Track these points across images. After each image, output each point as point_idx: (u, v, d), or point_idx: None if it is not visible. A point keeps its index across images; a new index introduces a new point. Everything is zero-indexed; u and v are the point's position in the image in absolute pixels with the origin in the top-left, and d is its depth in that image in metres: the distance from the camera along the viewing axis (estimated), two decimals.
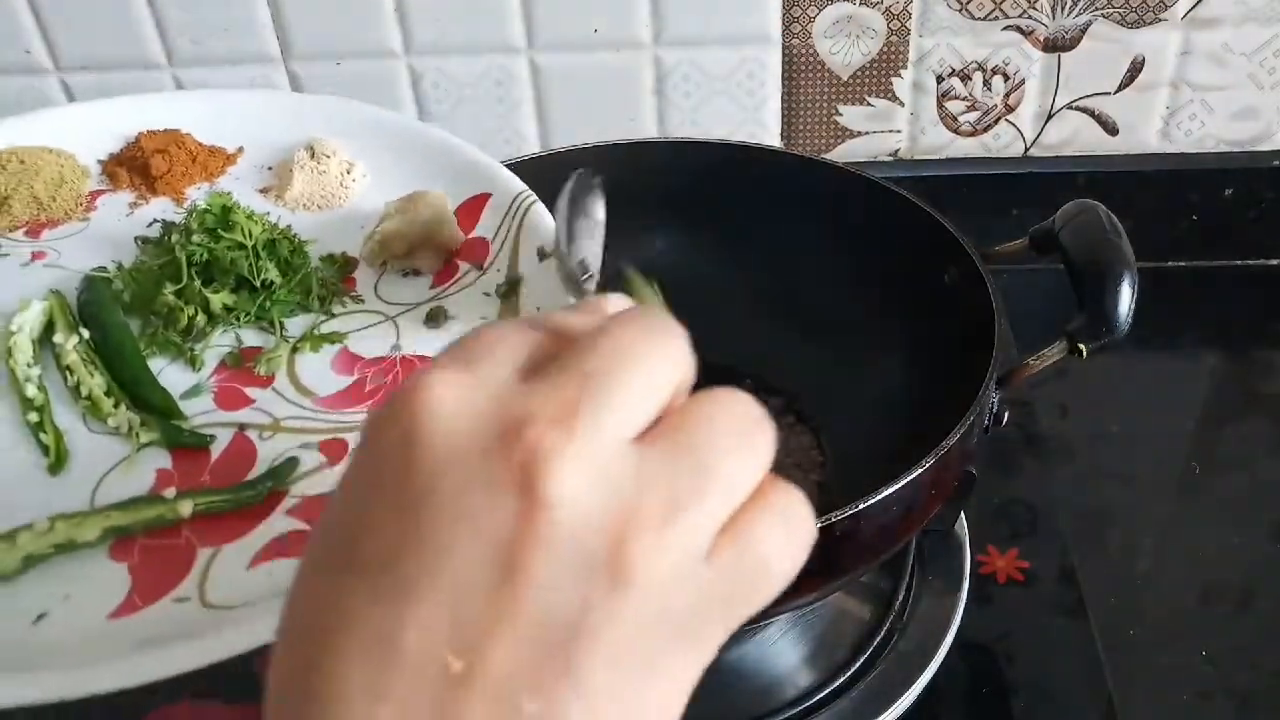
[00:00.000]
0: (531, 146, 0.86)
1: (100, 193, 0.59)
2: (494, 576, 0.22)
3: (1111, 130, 0.84)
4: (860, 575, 0.57)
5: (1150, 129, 0.84)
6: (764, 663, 0.60)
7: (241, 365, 0.48)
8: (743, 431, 0.25)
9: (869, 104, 0.84)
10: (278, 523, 0.41)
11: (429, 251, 0.53)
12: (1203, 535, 0.68)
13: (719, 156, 0.68)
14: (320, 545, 0.24)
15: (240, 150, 0.61)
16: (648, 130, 0.85)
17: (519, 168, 0.68)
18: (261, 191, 0.59)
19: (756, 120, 0.84)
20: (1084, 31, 0.80)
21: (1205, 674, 0.60)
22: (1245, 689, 0.60)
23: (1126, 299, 0.53)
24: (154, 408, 0.46)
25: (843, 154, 0.86)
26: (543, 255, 0.51)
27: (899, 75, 0.82)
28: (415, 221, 0.52)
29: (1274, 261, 0.88)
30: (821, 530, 0.45)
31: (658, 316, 0.26)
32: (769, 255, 0.68)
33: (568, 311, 0.27)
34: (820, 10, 0.79)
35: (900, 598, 0.62)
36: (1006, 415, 0.56)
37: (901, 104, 0.84)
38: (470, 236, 0.54)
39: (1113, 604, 0.63)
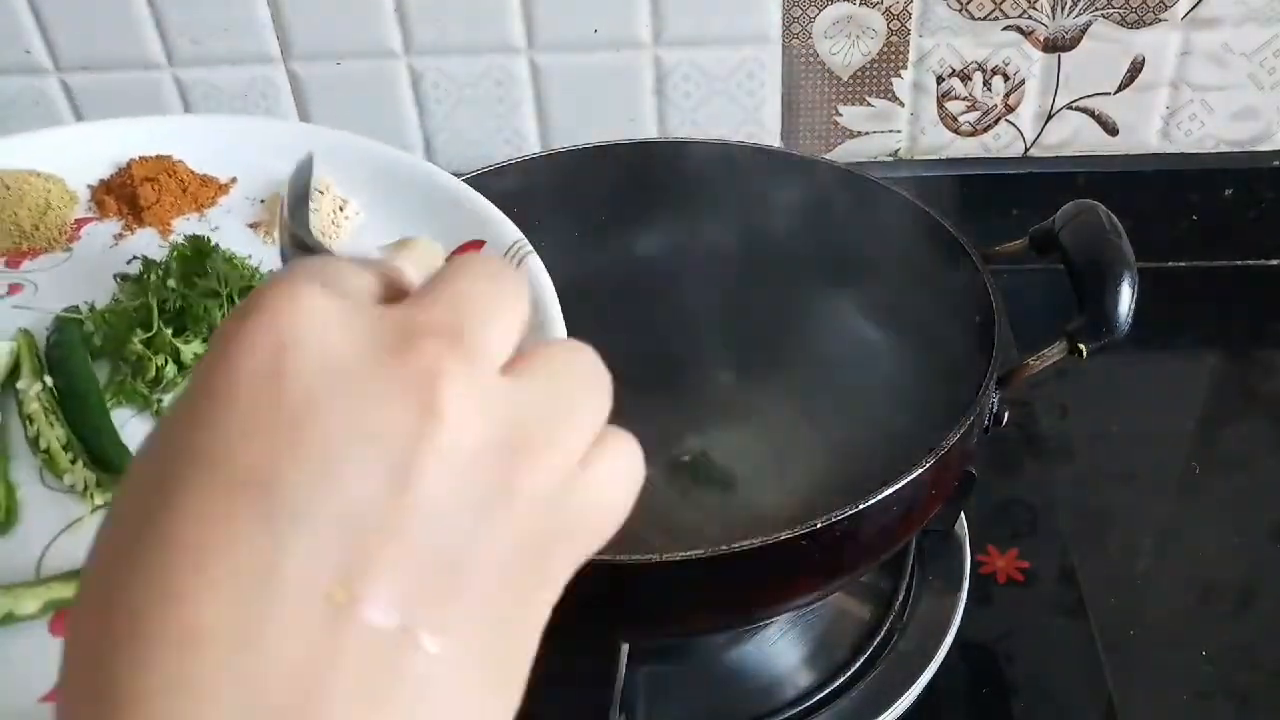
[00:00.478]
0: (531, 146, 0.86)
1: (86, 220, 0.56)
2: (387, 492, 0.20)
3: (1111, 130, 0.84)
4: (860, 575, 0.57)
5: (1150, 129, 0.84)
6: (764, 663, 0.60)
7: None
8: (597, 375, 0.25)
9: (869, 104, 0.84)
10: None
11: None
12: (1203, 535, 0.68)
13: (719, 156, 0.68)
14: (163, 458, 0.21)
15: (234, 180, 0.59)
16: (648, 130, 0.85)
17: (519, 168, 0.68)
18: (251, 226, 0.56)
19: (756, 120, 0.84)
20: (1084, 31, 0.80)
21: (1205, 674, 0.60)
22: (1245, 689, 0.60)
23: (1126, 299, 0.53)
24: (112, 465, 0.43)
25: (843, 154, 0.86)
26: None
27: (899, 75, 0.82)
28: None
29: (1274, 261, 0.88)
30: (821, 530, 0.45)
31: (497, 263, 0.26)
32: (768, 255, 0.68)
33: (392, 253, 0.27)
34: (820, 10, 0.79)
35: (900, 598, 0.62)
36: (1006, 415, 0.56)
37: (901, 104, 0.84)
38: None
39: (1113, 604, 0.63)
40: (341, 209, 0.56)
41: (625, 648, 0.51)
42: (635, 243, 0.71)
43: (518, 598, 0.23)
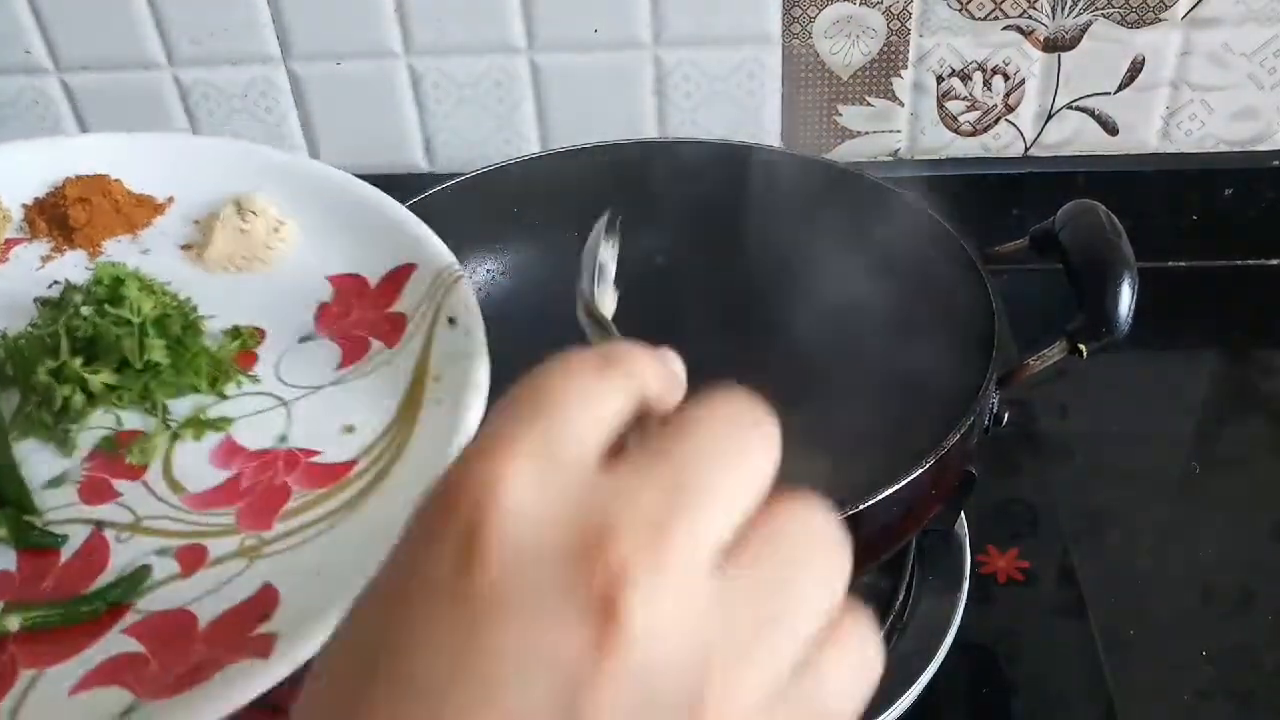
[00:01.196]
0: (531, 146, 0.86)
1: (17, 241, 0.55)
2: (557, 715, 0.19)
3: (1111, 130, 0.84)
4: (860, 575, 0.56)
5: (1150, 129, 0.84)
6: None
7: (115, 451, 0.45)
8: (829, 551, 0.22)
9: (869, 104, 0.84)
10: (113, 643, 0.38)
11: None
12: (1203, 535, 0.68)
13: (719, 156, 0.68)
14: (351, 650, 0.21)
15: (171, 200, 0.57)
16: (648, 130, 0.85)
17: (519, 168, 0.68)
18: (184, 248, 0.55)
19: (756, 120, 0.84)
20: (1084, 31, 0.80)
21: (1205, 674, 0.60)
22: (1245, 689, 0.60)
23: (1126, 299, 0.53)
24: (6, 500, 0.42)
25: (843, 154, 0.86)
26: (453, 322, 0.48)
27: (899, 75, 0.82)
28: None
29: (1274, 261, 0.88)
30: None
31: (749, 405, 0.23)
32: (768, 255, 0.68)
33: (644, 363, 0.24)
34: (820, 10, 0.79)
35: (900, 598, 0.62)
36: (1006, 415, 0.56)
37: (901, 104, 0.84)
38: (389, 311, 0.51)
39: (1113, 604, 0.63)
40: (276, 230, 0.55)
41: None
42: (635, 243, 0.70)
43: None
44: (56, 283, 0.51)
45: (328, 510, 0.43)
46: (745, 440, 0.22)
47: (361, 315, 0.51)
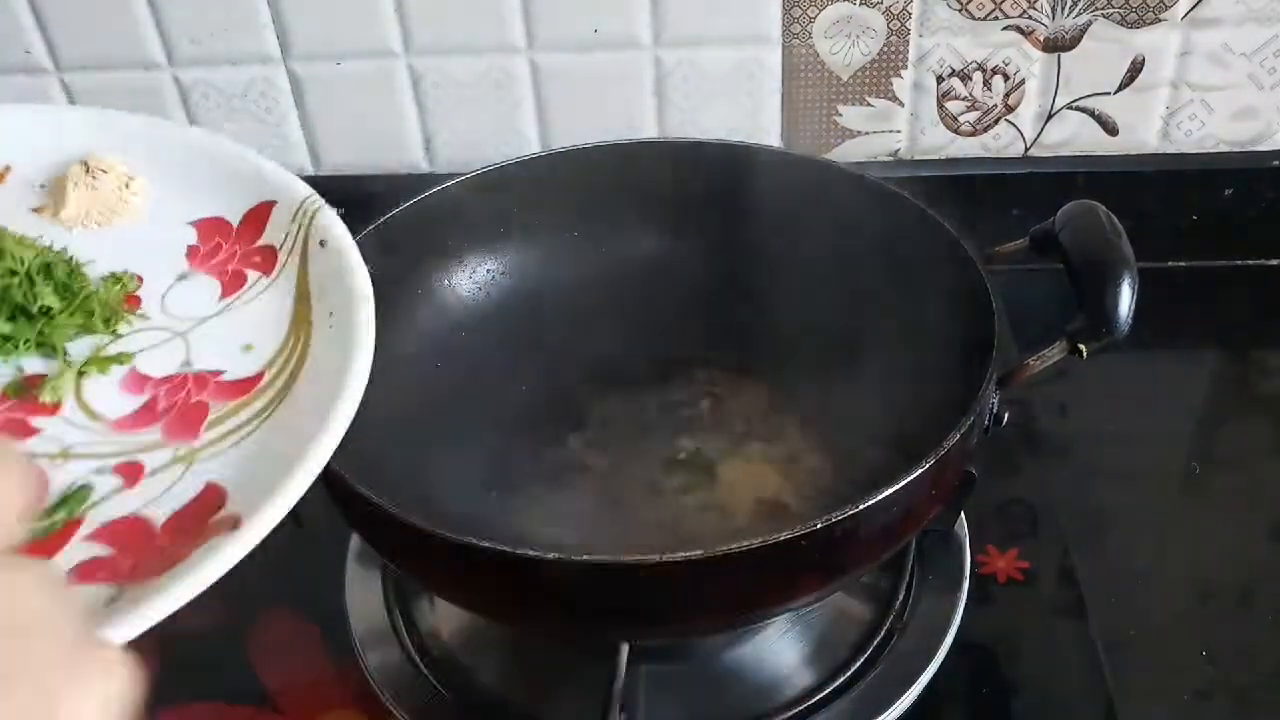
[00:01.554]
0: (531, 146, 0.86)
1: None
2: None
3: (1111, 130, 0.84)
4: (860, 575, 0.57)
5: (1150, 129, 0.84)
6: (764, 663, 0.60)
7: (28, 393, 0.46)
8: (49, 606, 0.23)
9: (869, 104, 0.84)
10: (78, 550, 0.39)
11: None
12: (1203, 535, 0.68)
13: (719, 156, 0.68)
14: None
15: (8, 168, 0.58)
16: (648, 130, 0.85)
17: (519, 168, 0.68)
18: (35, 211, 0.56)
19: (756, 120, 0.84)
20: (1084, 31, 0.80)
21: (1205, 674, 0.60)
22: (1245, 689, 0.60)
23: (1127, 299, 0.53)
24: None
25: (843, 154, 0.86)
26: (323, 244, 0.51)
27: (899, 75, 0.82)
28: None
29: (1274, 261, 0.88)
30: (821, 530, 0.45)
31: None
32: (768, 255, 0.68)
33: None
34: (820, 10, 0.79)
35: (900, 598, 0.62)
36: (1006, 415, 0.56)
37: (901, 104, 0.84)
38: (258, 245, 0.53)
39: (1113, 604, 0.63)
40: (128, 185, 0.56)
41: (625, 648, 0.51)
42: (634, 243, 0.71)
43: None
44: None
45: (249, 415, 0.45)
46: None
47: (231, 251, 0.53)
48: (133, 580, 0.37)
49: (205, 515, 0.40)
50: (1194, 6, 0.78)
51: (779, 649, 0.60)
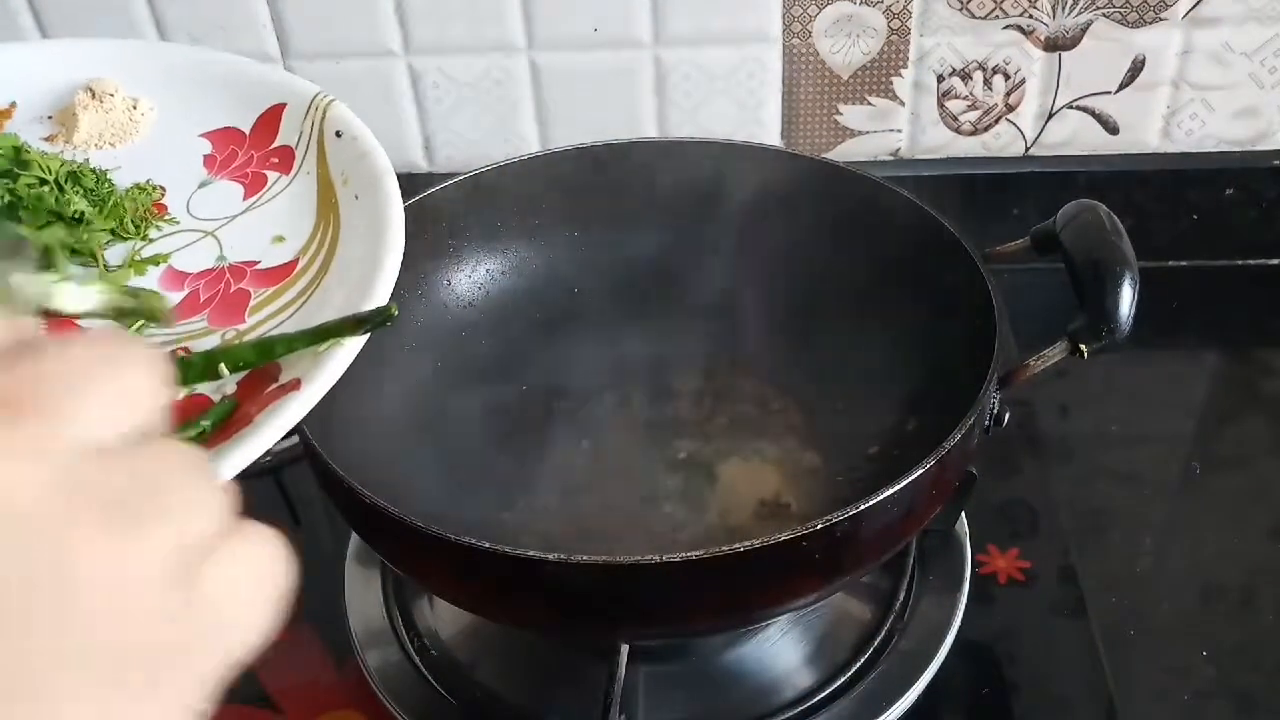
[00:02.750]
0: (531, 146, 0.86)
1: None
2: None
3: (1112, 130, 0.84)
4: (861, 576, 0.57)
5: (1150, 129, 0.84)
6: (764, 663, 0.60)
7: None
8: (199, 474, 0.23)
9: (869, 103, 0.84)
10: None
11: None
12: (1203, 535, 0.68)
13: (719, 156, 0.68)
14: None
15: (13, 106, 0.59)
16: (648, 130, 0.85)
17: (519, 168, 0.68)
18: (47, 139, 0.57)
19: (756, 120, 0.84)
20: (1084, 31, 0.80)
21: (1205, 674, 0.60)
22: (1246, 689, 0.60)
23: (1127, 299, 0.53)
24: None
25: (843, 154, 0.86)
26: (339, 134, 0.53)
27: (899, 75, 0.82)
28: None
29: (1274, 261, 0.88)
30: (822, 531, 0.45)
31: (137, 345, 0.24)
32: (768, 255, 0.68)
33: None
34: (820, 10, 0.79)
35: (900, 598, 0.62)
36: (1007, 415, 0.56)
37: (902, 103, 0.84)
38: (274, 146, 0.55)
39: (1113, 604, 0.63)
40: (135, 106, 0.57)
41: (625, 648, 0.51)
42: (634, 242, 0.71)
43: (98, 695, 0.20)
44: None
45: (292, 297, 0.47)
46: (120, 360, 0.23)
47: (248, 156, 0.55)
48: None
49: (266, 384, 0.41)
50: (1194, 6, 0.78)
51: (779, 649, 0.60)
